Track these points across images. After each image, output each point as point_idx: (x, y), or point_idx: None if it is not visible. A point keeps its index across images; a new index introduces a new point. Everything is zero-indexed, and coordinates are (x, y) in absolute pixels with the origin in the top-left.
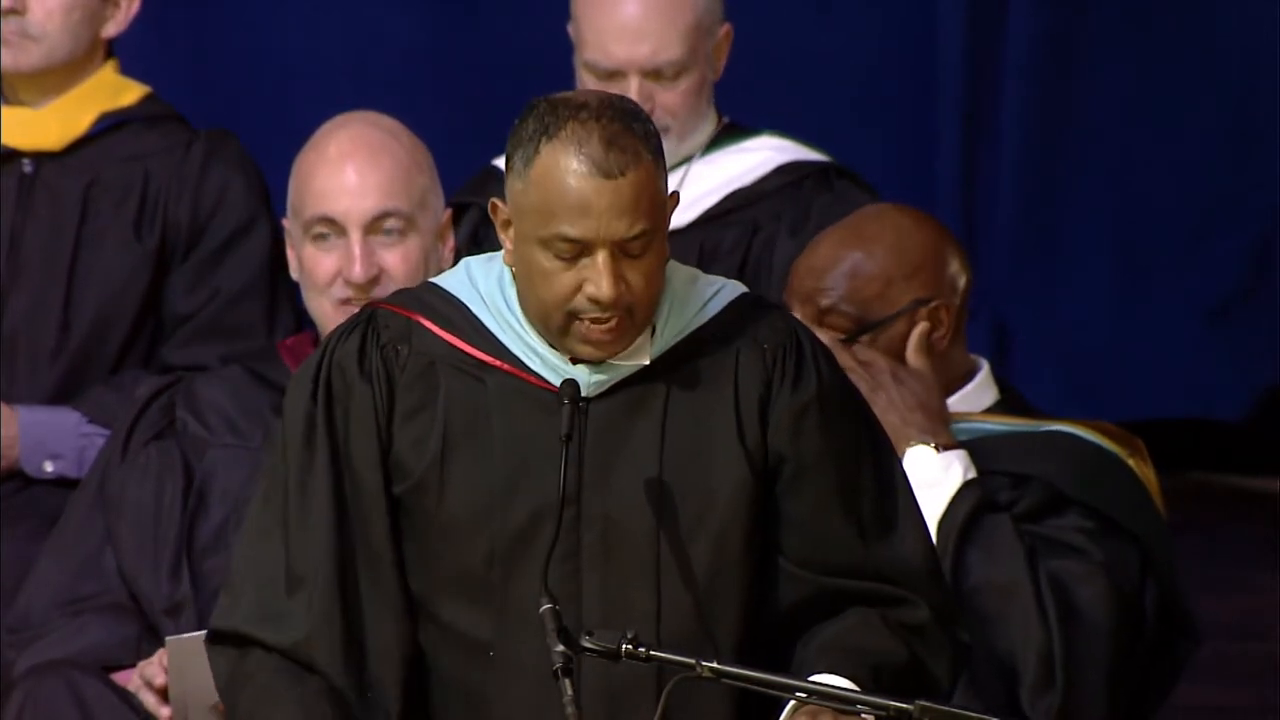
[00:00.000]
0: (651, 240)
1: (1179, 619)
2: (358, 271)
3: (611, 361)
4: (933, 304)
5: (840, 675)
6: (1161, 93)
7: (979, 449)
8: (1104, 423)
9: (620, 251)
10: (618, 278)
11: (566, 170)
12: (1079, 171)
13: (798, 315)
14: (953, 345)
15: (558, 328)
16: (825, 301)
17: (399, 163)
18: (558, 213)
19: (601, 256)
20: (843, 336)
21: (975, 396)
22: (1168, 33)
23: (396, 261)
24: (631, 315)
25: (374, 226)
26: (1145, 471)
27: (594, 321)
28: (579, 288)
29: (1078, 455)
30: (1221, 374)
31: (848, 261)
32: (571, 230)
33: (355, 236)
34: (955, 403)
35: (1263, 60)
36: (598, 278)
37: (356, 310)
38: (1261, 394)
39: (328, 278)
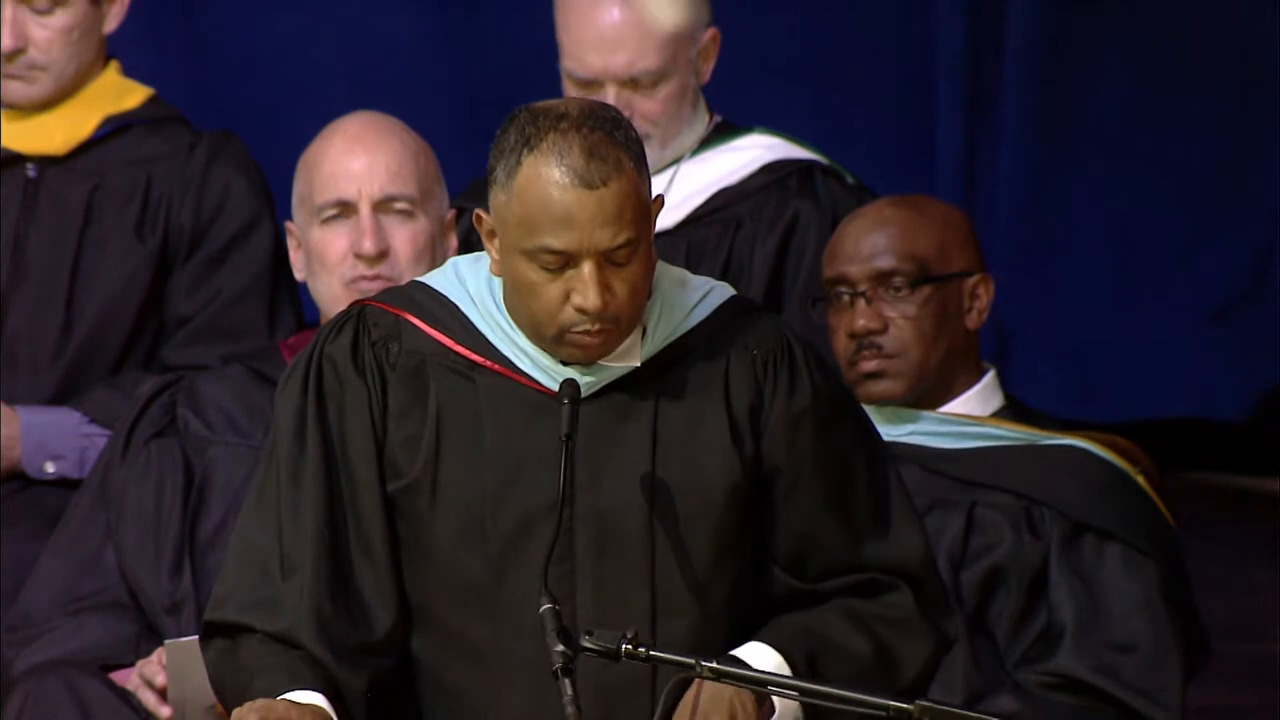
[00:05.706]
0: (637, 247)
1: (1194, 634)
2: (368, 245)
3: (602, 363)
4: (976, 277)
5: (770, 647)
6: (1161, 92)
7: (990, 459)
8: (1113, 436)
9: (606, 260)
10: (604, 288)
11: (548, 182)
12: (1079, 171)
13: (853, 274)
14: (975, 338)
15: (550, 338)
16: (884, 263)
17: (407, 147)
18: (541, 225)
19: (587, 267)
20: (909, 283)
21: (981, 399)
22: (1167, 32)
23: (405, 241)
24: (619, 323)
25: (383, 206)
26: (1154, 489)
27: (582, 332)
28: (566, 298)
29: (1090, 475)
30: (1221, 374)
31: (902, 221)
32: (555, 242)
33: (365, 210)
34: (962, 404)
35: (1262, 60)
36: (584, 289)
37: (365, 290)
38: (1261, 394)
39: (338, 257)
